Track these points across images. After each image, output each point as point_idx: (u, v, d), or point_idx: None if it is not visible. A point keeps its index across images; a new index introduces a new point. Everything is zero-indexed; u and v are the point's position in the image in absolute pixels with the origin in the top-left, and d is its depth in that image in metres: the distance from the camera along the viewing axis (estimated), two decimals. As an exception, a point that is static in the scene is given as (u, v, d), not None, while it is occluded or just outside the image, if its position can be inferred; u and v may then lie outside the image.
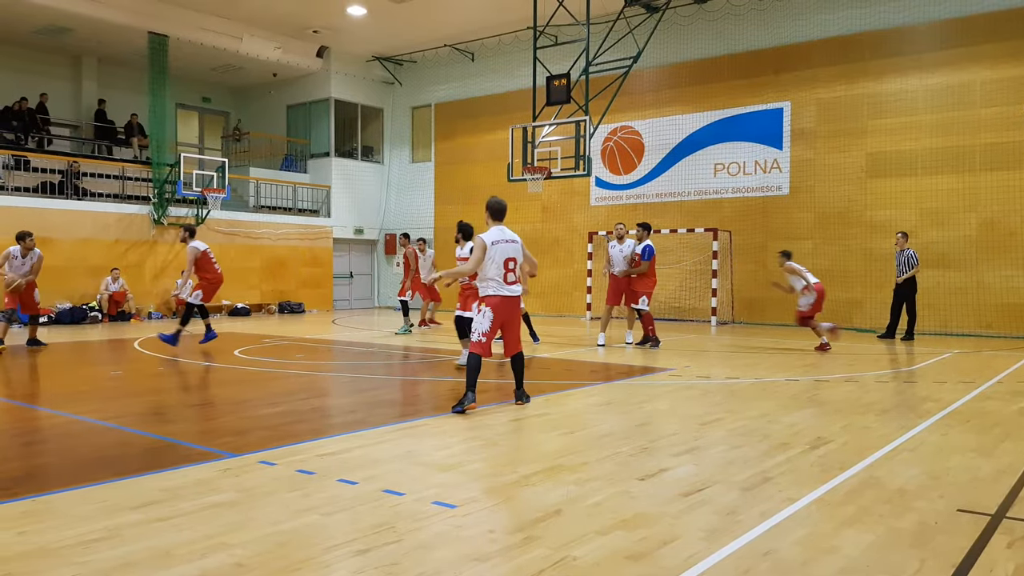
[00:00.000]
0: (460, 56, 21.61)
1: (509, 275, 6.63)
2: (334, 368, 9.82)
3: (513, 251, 6.68)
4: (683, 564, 3.10)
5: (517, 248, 6.74)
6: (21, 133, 18.56)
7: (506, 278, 6.61)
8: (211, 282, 11.23)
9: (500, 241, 6.64)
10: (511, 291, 6.62)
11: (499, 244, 6.62)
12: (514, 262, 6.68)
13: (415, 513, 3.73)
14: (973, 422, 6.09)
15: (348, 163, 22.87)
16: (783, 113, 16.67)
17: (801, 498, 4.01)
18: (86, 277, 16.92)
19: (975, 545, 3.35)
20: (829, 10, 16.05)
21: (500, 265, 6.58)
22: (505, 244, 6.66)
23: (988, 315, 14.40)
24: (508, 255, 6.63)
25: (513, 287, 6.64)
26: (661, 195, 18.29)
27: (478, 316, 6.63)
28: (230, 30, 19.47)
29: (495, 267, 6.57)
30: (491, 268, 6.58)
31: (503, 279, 6.59)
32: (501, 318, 6.58)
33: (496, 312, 6.55)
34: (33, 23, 17.95)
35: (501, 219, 6.83)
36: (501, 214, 6.85)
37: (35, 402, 7.13)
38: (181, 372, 9.40)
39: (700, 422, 6.06)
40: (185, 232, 11.43)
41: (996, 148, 14.34)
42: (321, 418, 6.48)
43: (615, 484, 4.26)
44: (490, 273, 6.58)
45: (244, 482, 4.26)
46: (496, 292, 6.58)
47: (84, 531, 3.43)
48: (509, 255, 6.64)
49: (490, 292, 6.61)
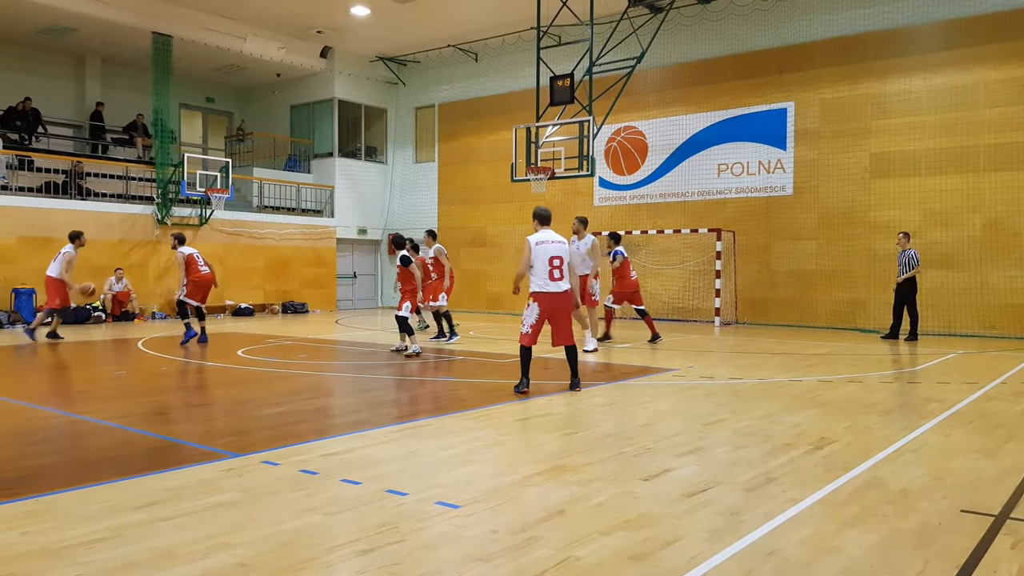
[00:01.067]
0: (464, 56, 21.62)
1: (554, 272, 7.27)
2: (337, 368, 9.83)
3: (558, 250, 7.32)
4: (686, 564, 3.10)
5: (562, 248, 7.37)
6: (25, 133, 18.60)
7: (551, 275, 7.26)
8: (195, 282, 12.06)
9: (544, 242, 7.34)
10: (556, 287, 7.25)
11: (544, 244, 7.31)
12: (560, 260, 7.30)
13: (418, 513, 3.73)
14: (977, 423, 6.08)
15: (352, 163, 22.89)
16: (787, 113, 16.65)
17: (804, 498, 4.00)
18: (90, 277, 16.87)
19: (979, 546, 3.34)
20: (833, 10, 16.02)
21: (545, 263, 7.25)
22: (550, 244, 7.34)
23: (992, 316, 14.36)
24: (552, 254, 7.29)
25: (558, 283, 7.26)
26: (665, 195, 18.28)
27: (526, 310, 7.31)
28: (234, 30, 19.50)
29: (540, 265, 7.26)
30: (537, 266, 7.26)
31: (548, 276, 7.25)
32: (546, 311, 7.24)
33: (541, 306, 7.23)
34: (37, 23, 17.99)
35: (547, 224, 7.58)
36: (547, 220, 7.61)
37: (38, 402, 7.15)
38: (184, 372, 9.41)
39: (703, 422, 6.05)
40: (174, 240, 12.39)
41: (1000, 149, 14.31)
42: (324, 418, 6.49)
43: (618, 484, 4.26)
44: (536, 270, 7.27)
45: (247, 482, 4.26)
46: (541, 288, 7.25)
47: (87, 531, 3.43)
48: (553, 254, 7.29)
49: (535, 288, 7.28)
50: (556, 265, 7.26)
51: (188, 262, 11.99)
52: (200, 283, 12.05)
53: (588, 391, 7.57)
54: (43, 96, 19.55)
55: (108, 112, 20.80)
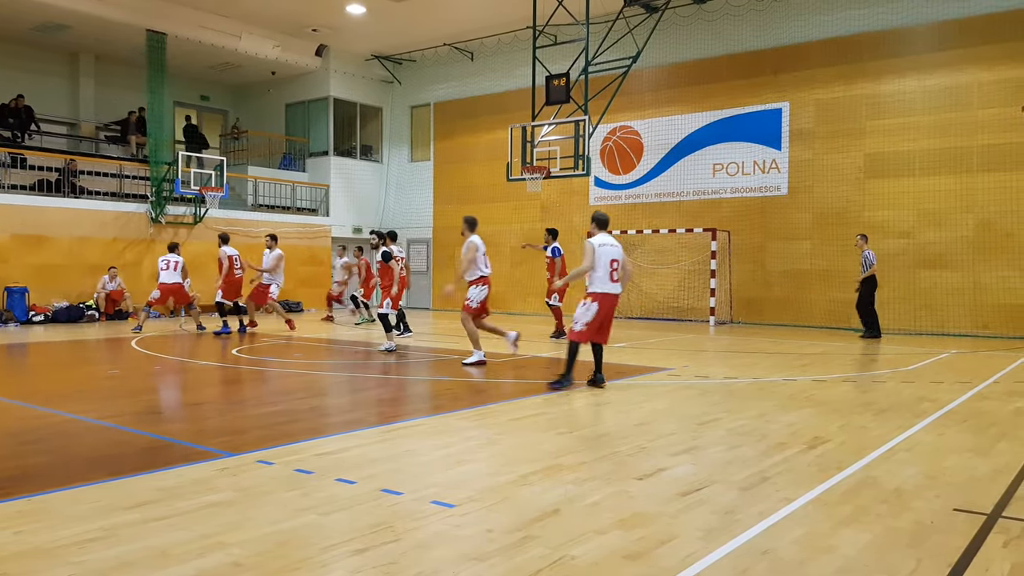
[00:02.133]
0: (459, 55, 21.60)
1: (613, 274, 7.54)
2: (332, 367, 9.82)
3: (616, 253, 7.62)
4: (681, 563, 3.10)
5: (620, 251, 7.66)
6: (18, 131, 18.51)
7: (611, 276, 7.53)
8: (229, 283, 13.77)
9: (606, 244, 7.58)
10: (615, 288, 7.56)
11: (605, 247, 7.56)
12: (617, 262, 7.59)
13: (413, 512, 3.73)
14: (970, 422, 6.10)
15: (347, 162, 22.85)
16: (782, 113, 16.68)
17: (799, 498, 4.01)
18: (83, 275, 16.89)
19: (971, 544, 3.35)
20: (828, 11, 16.06)
21: (606, 265, 7.52)
22: (610, 247, 7.60)
23: (985, 315, 14.42)
24: (612, 256, 7.57)
25: (616, 285, 7.57)
26: (660, 195, 18.30)
27: (582, 308, 7.50)
28: (229, 28, 19.44)
29: (602, 266, 7.50)
30: (599, 267, 7.49)
31: (608, 277, 7.51)
32: (604, 311, 7.50)
33: (602, 306, 7.47)
34: (31, 20, 17.90)
35: (605, 228, 7.79)
36: (605, 224, 7.83)
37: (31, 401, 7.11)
38: (178, 371, 9.38)
39: (698, 422, 6.06)
40: (219, 239, 14.03)
41: (993, 149, 14.36)
42: (319, 417, 6.47)
43: (613, 484, 4.27)
44: (598, 272, 7.49)
45: (241, 481, 4.25)
46: (602, 289, 7.49)
47: (80, 531, 3.42)
48: (613, 256, 7.57)
49: (596, 288, 7.49)
50: (615, 268, 7.56)
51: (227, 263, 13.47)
52: (233, 284, 13.59)
53: (585, 390, 7.58)
54: (36, 94, 19.45)
55: (102, 109, 20.73)
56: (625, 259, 7.71)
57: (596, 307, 7.46)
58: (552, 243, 13.02)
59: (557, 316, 13.09)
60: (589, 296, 7.51)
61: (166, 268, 13.52)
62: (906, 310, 15.13)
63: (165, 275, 13.47)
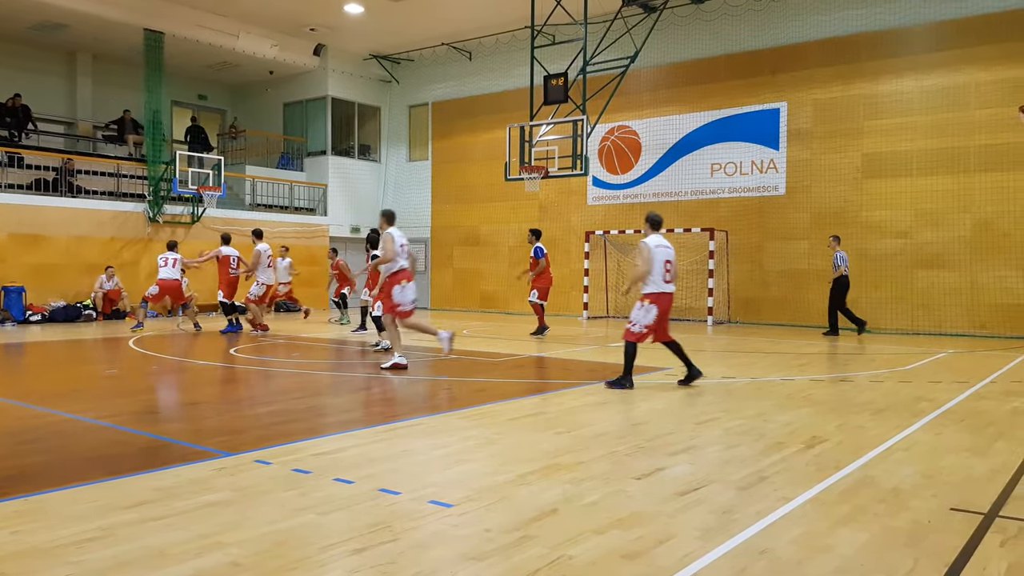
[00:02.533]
0: (458, 55, 21.59)
1: (667, 274, 7.65)
2: (330, 367, 9.81)
3: (669, 254, 7.72)
4: (679, 563, 3.11)
5: (672, 252, 7.77)
6: (15, 130, 18.48)
7: (665, 277, 7.62)
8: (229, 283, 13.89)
9: (660, 246, 7.67)
10: (670, 288, 7.68)
11: (660, 248, 7.65)
12: (671, 263, 7.70)
13: (411, 512, 3.73)
14: (967, 422, 6.11)
15: (345, 161, 22.83)
16: (779, 113, 16.70)
17: (796, 497, 4.02)
18: (80, 275, 16.86)
19: (968, 544, 3.36)
20: (825, 11, 16.07)
21: (661, 265, 7.61)
22: (664, 248, 7.69)
23: (982, 315, 14.45)
24: (667, 257, 7.67)
25: (670, 285, 7.68)
26: (658, 195, 18.30)
27: (640, 309, 7.60)
28: (226, 27, 19.42)
29: (657, 267, 7.59)
30: (655, 268, 7.58)
31: (663, 278, 7.61)
32: (662, 311, 7.61)
33: (659, 306, 7.58)
34: (28, 19, 17.87)
35: (658, 228, 7.89)
36: (658, 225, 7.92)
37: (28, 400, 7.10)
38: (175, 371, 9.37)
39: (696, 421, 6.07)
40: (221, 239, 14.10)
41: (991, 150, 14.39)
42: (317, 417, 6.47)
43: (611, 483, 4.27)
44: (654, 273, 7.57)
45: (239, 481, 4.25)
46: (660, 289, 7.59)
47: (78, 531, 3.41)
48: (667, 257, 7.68)
49: (652, 289, 7.58)
50: (668, 268, 7.66)
51: (221, 262, 13.71)
52: (232, 283, 13.94)
53: (583, 390, 7.59)
54: (33, 93, 19.41)
55: (100, 109, 20.69)
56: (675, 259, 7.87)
57: (656, 309, 7.56)
58: (535, 243, 13.57)
59: (538, 313, 13.56)
60: (647, 298, 7.60)
61: (165, 265, 13.68)
62: (903, 310, 15.16)
63: (164, 271, 13.65)
